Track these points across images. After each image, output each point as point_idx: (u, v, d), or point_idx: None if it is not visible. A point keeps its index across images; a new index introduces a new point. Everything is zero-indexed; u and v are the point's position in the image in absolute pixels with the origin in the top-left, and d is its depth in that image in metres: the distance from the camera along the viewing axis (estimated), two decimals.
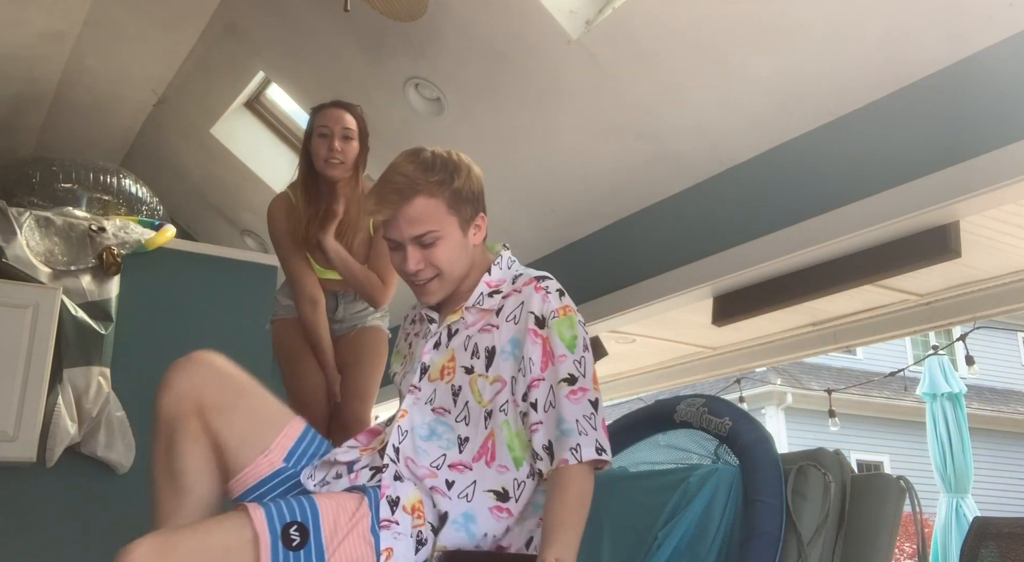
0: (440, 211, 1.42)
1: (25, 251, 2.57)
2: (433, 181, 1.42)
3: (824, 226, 2.21)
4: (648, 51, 2.37)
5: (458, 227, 1.45)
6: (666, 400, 2.00)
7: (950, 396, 6.03)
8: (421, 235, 1.41)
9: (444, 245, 1.43)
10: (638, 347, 4.18)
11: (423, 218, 1.41)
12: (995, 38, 1.90)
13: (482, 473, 1.40)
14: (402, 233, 1.42)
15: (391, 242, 1.49)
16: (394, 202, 1.42)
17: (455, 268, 1.46)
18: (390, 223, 1.45)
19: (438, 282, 1.46)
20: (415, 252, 1.42)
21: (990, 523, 1.47)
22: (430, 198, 1.41)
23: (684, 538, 1.66)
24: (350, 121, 2.36)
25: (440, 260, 1.43)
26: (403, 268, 1.45)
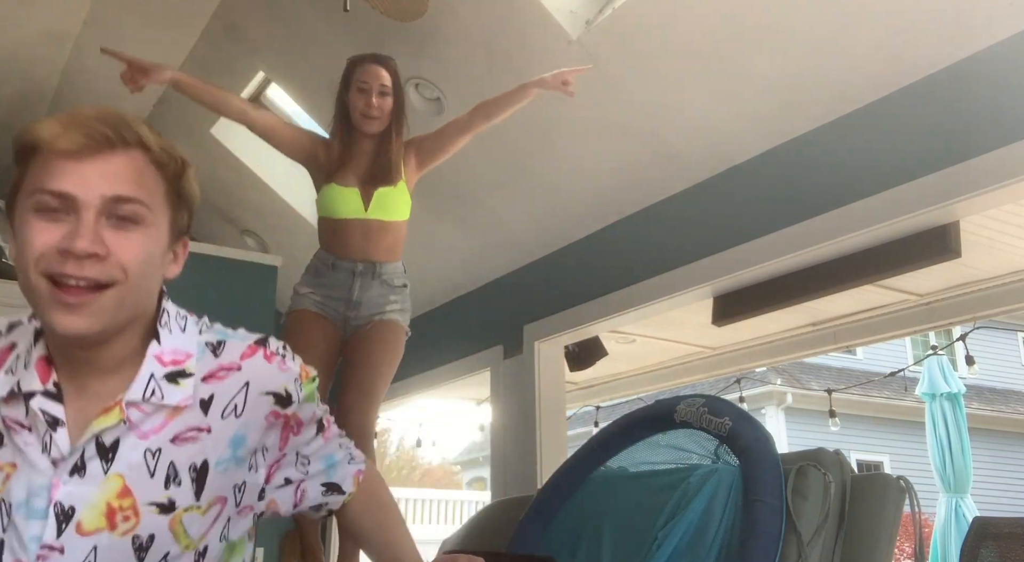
0: (156, 186, 0.97)
1: None
2: (160, 154, 0.98)
3: (824, 226, 2.21)
4: (648, 51, 2.37)
5: (167, 227, 0.99)
6: (666, 400, 2.00)
7: (949, 396, 6.03)
8: (122, 199, 0.93)
9: (145, 235, 0.95)
10: (638, 347, 4.18)
11: (131, 178, 0.94)
12: (995, 38, 1.90)
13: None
14: (91, 188, 0.91)
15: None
16: (98, 140, 0.94)
17: (141, 285, 0.96)
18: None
19: (112, 295, 0.92)
20: (97, 226, 0.91)
21: (990, 523, 1.47)
22: (150, 165, 0.96)
23: (684, 538, 1.66)
24: (387, 78, 2.40)
25: (131, 257, 0.93)
26: (65, 243, 0.90)
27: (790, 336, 3.80)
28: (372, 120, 2.39)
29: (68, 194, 0.91)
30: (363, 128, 2.40)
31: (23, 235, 0.92)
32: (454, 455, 18.26)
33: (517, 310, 3.28)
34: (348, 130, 2.44)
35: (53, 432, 0.94)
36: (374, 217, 2.39)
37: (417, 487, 15.84)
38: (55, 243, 0.90)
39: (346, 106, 2.43)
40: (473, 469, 16.79)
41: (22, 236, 0.93)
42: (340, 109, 2.46)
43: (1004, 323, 10.95)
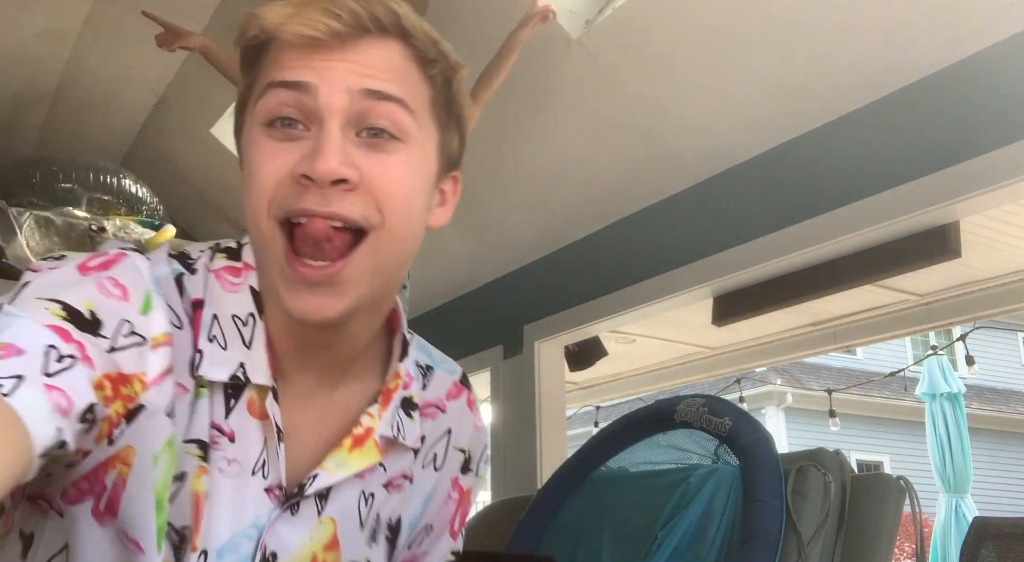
0: (420, 90, 0.71)
1: (25, 251, 2.57)
2: (427, 46, 0.72)
3: (824, 226, 2.21)
4: (648, 51, 2.37)
5: (435, 152, 0.74)
6: (666, 400, 2.00)
7: (949, 396, 6.03)
8: (379, 96, 0.67)
9: (409, 157, 0.69)
10: (638, 347, 4.18)
11: (390, 72, 0.68)
12: (995, 38, 1.90)
13: None
14: (336, 79, 0.67)
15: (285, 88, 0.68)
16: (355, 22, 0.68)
17: (405, 233, 0.70)
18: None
19: (366, 251, 0.67)
20: (345, 139, 0.66)
21: (990, 523, 1.47)
22: (412, 62, 0.71)
23: (684, 538, 1.66)
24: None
25: (392, 186, 0.68)
26: (304, 166, 0.65)
27: (790, 336, 3.81)
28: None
29: (305, 83, 0.65)
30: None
31: (248, 165, 0.68)
32: None
33: (517, 310, 3.28)
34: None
35: (279, 448, 0.70)
36: None
37: None
38: (290, 168, 0.65)
39: None
40: None
41: (247, 167, 0.68)
42: None
43: (1004, 323, 10.96)
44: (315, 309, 0.66)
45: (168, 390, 0.65)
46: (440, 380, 0.87)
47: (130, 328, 0.64)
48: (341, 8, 0.66)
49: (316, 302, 0.66)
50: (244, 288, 0.72)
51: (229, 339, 0.70)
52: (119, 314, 0.63)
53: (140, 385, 0.64)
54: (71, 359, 0.57)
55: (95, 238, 2.69)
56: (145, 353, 0.64)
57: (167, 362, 0.66)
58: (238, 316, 0.70)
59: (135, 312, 0.65)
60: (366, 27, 0.67)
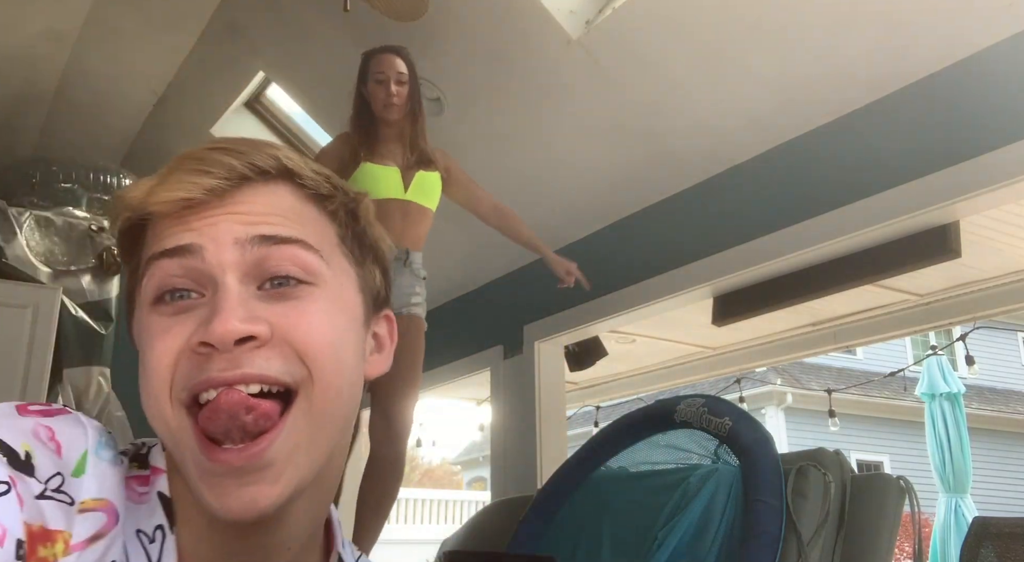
0: (322, 228, 0.64)
1: (25, 251, 2.57)
2: (318, 182, 0.65)
3: (824, 226, 2.21)
4: (648, 51, 2.37)
5: (355, 291, 0.65)
6: (666, 400, 2.00)
7: (949, 396, 6.04)
8: (273, 240, 0.60)
9: (326, 301, 0.62)
10: (638, 347, 4.18)
11: (281, 213, 0.62)
12: (995, 38, 1.90)
13: None
14: (221, 234, 0.61)
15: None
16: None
17: (339, 387, 0.61)
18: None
19: (300, 412, 0.60)
20: (245, 295, 0.60)
21: (990, 523, 1.47)
22: (306, 201, 0.64)
23: (684, 538, 1.66)
24: (402, 66, 2.46)
25: (312, 332, 0.60)
26: (200, 333, 0.58)
27: (790, 336, 3.81)
28: (393, 107, 2.44)
29: (187, 245, 0.58)
30: (386, 116, 2.45)
31: (142, 352, 0.59)
32: (454, 455, 18.27)
33: (517, 310, 3.28)
34: (368, 121, 2.49)
35: None
36: (413, 200, 2.42)
37: (417, 487, 15.85)
38: (185, 340, 0.56)
39: (365, 100, 2.48)
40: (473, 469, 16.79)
41: (141, 355, 0.59)
42: (359, 104, 2.51)
43: (1004, 323, 10.96)
44: (246, 504, 0.55)
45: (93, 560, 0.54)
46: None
47: (58, 484, 0.55)
48: (212, 164, 0.59)
49: (246, 494, 0.55)
50: (151, 497, 0.60)
51: (133, 558, 0.58)
52: (51, 466, 0.55)
53: (63, 546, 0.53)
54: (5, 485, 0.50)
55: (95, 238, 2.69)
56: (71, 514, 0.54)
57: (97, 529, 0.55)
58: (143, 531, 0.58)
59: (68, 470, 0.56)
60: (244, 175, 0.60)
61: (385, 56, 2.47)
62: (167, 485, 0.61)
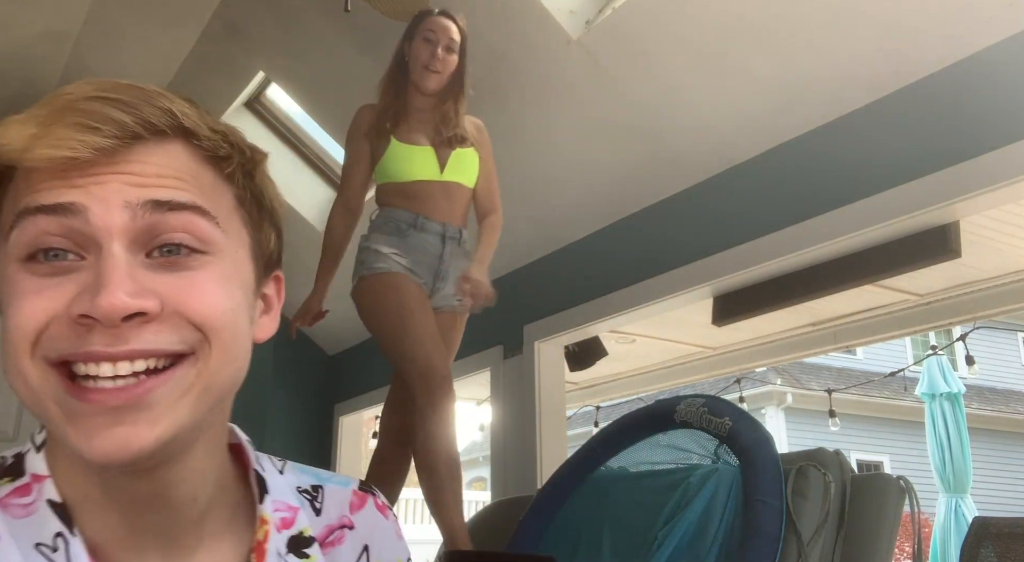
0: (217, 191, 0.60)
1: None
2: (215, 141, 0.61)
3: (824, 226, 2.21)
4: (648, 51, 2.37)
5: (248, 256, 0.62)
6: (666, 400, 2.00)
7: (949, 396, 6.04)
8: (167, 206, 0.56)
9: (220, 268, 0.59)
10: (638, 347, 4.18)
11: (176, 176, 0.57)
12: (995, 38, 1.90)
13: None
14: (110, 195, 0.56)
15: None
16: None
17: (231, 352, 0.58)
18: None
19: (188, 372, 0.57)
20: (132, 265, 0.56)
21: (990, 523, 1.47)
22: (202, 161, 0.60)
23: (684, 538, 1.66)
24: (456, 34, 2.24)
25: (205, 302, 0.57)
26: (83, 304, 0.52)
27: (790, 336, 3.81)
28: (433, 74, 2.21)
29: (70, 203, 0.53)
30: (423, 83, 2.22)
31: (8, 306, 0.54)
32: None
33: (517, 310, 3.28)
34: (403, 85, 2.26)
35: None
36: (452, 179, 2.24)
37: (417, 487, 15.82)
38: (64, 307, 0.52)
39: (405, 58, 2.26)
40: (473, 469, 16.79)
41: (7, 308, 0.54)
42: (397, 61, 2.29)
43: (1004, 323, 10.97)
44: (118, 444, 0.51)
45: None
46: (335, 495, 0.72)
47: None
48: (99, 119, 0.53)
49: (118, 433, 0.51)
50: (39, 506, 0.56)
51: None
52: None
53: None
54: None
55: None
56: None
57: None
58: (43, 544, 0.55)
59: None
60: (136, 133, 0.55)
61: (441, 19, 2.24)
62: (54, 490, 0.57)
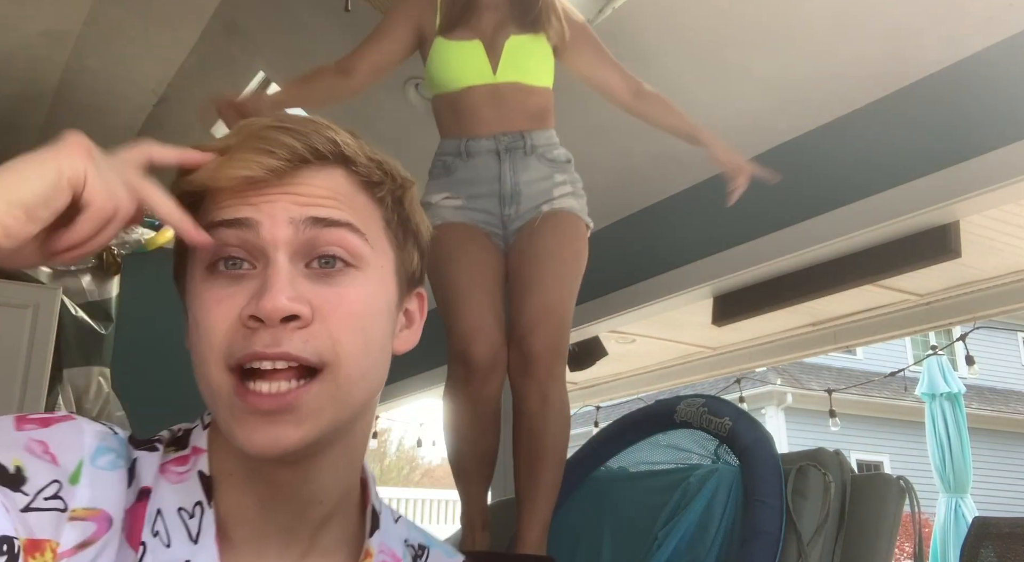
0: (370, 213, 0.68)
1: None
2: (371, 169, 0.68)
3: (824, 226, 2.21)
4: (648, 50, 2.37)
5: (393, 273, 0.70)
6: (666, 400, 2.00)
7: (949, 396, 6.04)
8: (325, 222, 0.64)
9: (366, 283, 0.66)
10: (638, 347, 4.18)
11: (334, 198, 0.66)
12: (995, 38, 1.90)
13: None
14: (277, 211, 0.64)
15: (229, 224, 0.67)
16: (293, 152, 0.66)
17: (364, 367, 0.65)
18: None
19: (321, 391, 0.63)
20: (294, 273, 0.63)
21: (990, 523, 1.47)
22: (357, 186, 0.68)
23: (684, 538, 1.66)
24: None
25: (348, 319, 0.64)
26: (251, 307, 0.61)
27: (790, 336, 3.81)
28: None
29: (245, 219, 0.62)
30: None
31: (193, 314, 0.65)
32: None
33: None
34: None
35: None
36: (507, 80, 1.78)
37: (417, 487, 15.85)
38: (238, 312, 0.61)
39: None
40: None
41: (193, 317, 0.65)
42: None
43: (1004, 323, 10.97)
44: (273, 440, 0.60)
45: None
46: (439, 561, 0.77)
47: (55, 491, 0.59)
48: (275, 144, 0.63)
49: (273, 432, 0.60)
50: (191, 475, 0.65)
51: (173, 535, 0.62)
52: (47, 475, 0.59)
53: (51, 554, 0.57)
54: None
55: None
56: (62, 522, 0.58)
57: (86, 536, 0.59)
58: (184, 509, 0.64)
59: (65, 478, 0.60)
60: (304, 158, 0.64)
61: None
62: (207, 464, 0.66)
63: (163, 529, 0.63)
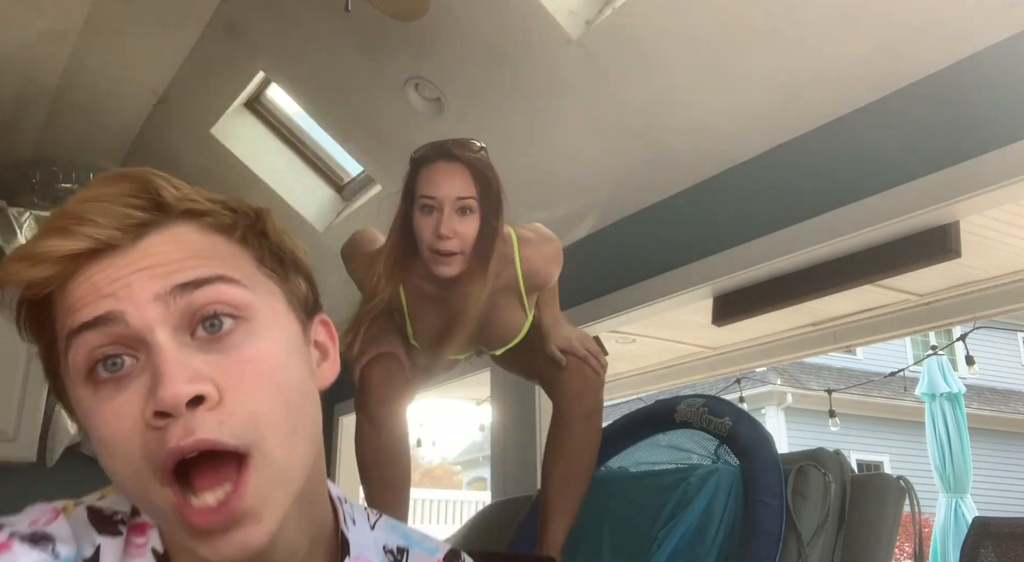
0: (235, 256, 0.67)
1: None
2: (219, 214, 0.66)
3: (824, 226, 2.21)
4: (648, 51, 2.37)
5: (285, 308, 0.68)
6: (666, 400, 2.01)
7: (949, 396, 6.04)
8: (195, 284, 0.60)
9: (267, 334, 0.65)
10: (638, 347, 4.18)
11: (195, 254, 0.63)
12: (995, 38, 1.90)
13: None
14: (138, 290, 0.59)
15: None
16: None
17: (298, 425, 0.64)
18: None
19: (257, 480, 0.60)
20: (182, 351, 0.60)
21: (990, 523, 1.47)
22: (212, 234, 0.65)
23: (684, 538, 1.66)
24: (466, 182, 1.61)
25: (257, 383, 0.62)
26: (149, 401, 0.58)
27: (790, 336, 3.81)
28: (445, 259, 1.58)
29: (107, 314, 0.56)
30: (436, 270, 1.61)
31: (94, 435, 0.58)
32: (454, 455, 18.26)
33: None
34: (415, 261, 1.66)
35: None
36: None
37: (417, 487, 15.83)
38: (139, 417, 0.56)
39: (410, 230, 1.63)
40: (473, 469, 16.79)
41: (94, 438, 0.58)
42: (401, 229, 1.65)
43: (1004, 323, 10.97)
44: (241, 547, 0.56)
45: None
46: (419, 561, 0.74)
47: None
48: (96, 214, 0.58)
49: (236, 539, 0.55)
50: (147, 551, 0.62)
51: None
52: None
53: None
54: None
55: None
56: None
57: None
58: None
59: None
60: (141, 222, 0.59)
61: (438, 166, 1.58)
62: (159, 539, 0.62)
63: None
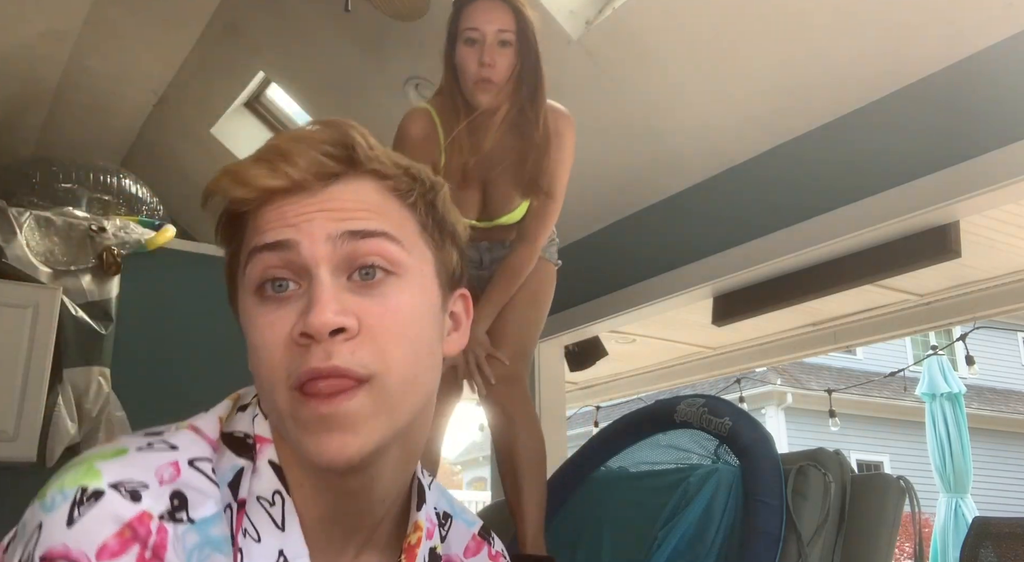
0: (404, 219, 0.73)
1: (25, 251, 2.57)
2: (400, 177, 0.73)
3: (824, 226, 2.21)
4: (648, 50, 2.37)
5: (434, 276, 0.74)
6: (666, 400, 2.00)
7: (949, 396, 6.04)
8: (360, 234, 0.67)
9: (408, 288, 0.72)
10: (638, 347, 4.19)
11: (366, 208, 0.71)
12: (995, 38, 1.90)
13: None
14: (315, 229, 0.67)
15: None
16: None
17: (413, 373, 0.70)
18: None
19: (365, 401, 0.66)
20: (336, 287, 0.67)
21: (990, 523, 1.47)
22: (388, 194, 0.71)
23: (684, 538, 1.66)
24: (507, 17, 1.72)
25: (391, 327, 0.69)
26: (300, 325, 0.64)
27: (790, 336, 3.81)
28: (487, 86, 1.71)
29: (285, 241, 0.65)
30: (477, 98, 1.74)
31: (250, 338, 0.67)
32: (454, 455, 18.26)
33: None
34: (461, 107, 1.78)
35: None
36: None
37: None
38: (288, 332, 0.64)
39: (455, 71, 1.77)
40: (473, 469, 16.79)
41: (250, 340, 0.67)
42: (449, 77, 1.80)
43: (1004, 323, 10.96)
44: (338, 448, 0.62)
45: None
46: (459, 532, 0.81)
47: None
48: (298, 155, 0.66)
49: (336, 440, 0.62)
50: (263, 465, 0.67)
51: (261, 528, 0.65)
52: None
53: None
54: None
55: (95, 238, 2.69)
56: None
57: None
58: (263, 498, 0.66)
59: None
60: (333, 172, 0.67)
61: (481, 3, 1.71)
62: (275, 453, 0.68)
63: (250, 525, 0.65)
